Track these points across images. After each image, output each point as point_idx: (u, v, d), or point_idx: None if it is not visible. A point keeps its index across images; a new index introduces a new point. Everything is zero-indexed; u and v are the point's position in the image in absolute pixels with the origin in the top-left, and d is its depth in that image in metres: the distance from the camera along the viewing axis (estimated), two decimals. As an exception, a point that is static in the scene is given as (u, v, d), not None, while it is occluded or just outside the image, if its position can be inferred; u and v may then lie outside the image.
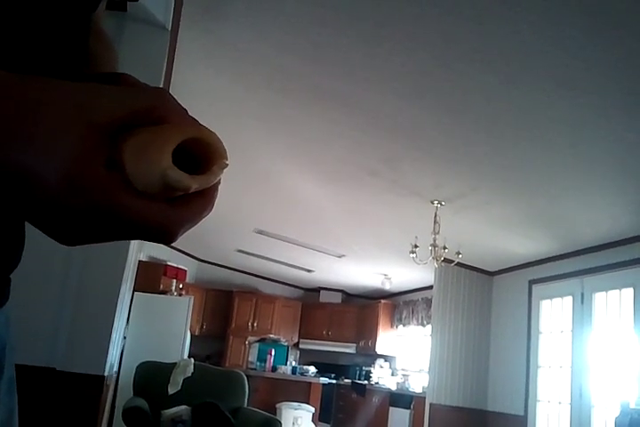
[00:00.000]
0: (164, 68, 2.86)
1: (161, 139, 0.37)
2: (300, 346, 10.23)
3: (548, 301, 6.24)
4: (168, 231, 0.37)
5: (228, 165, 0.40)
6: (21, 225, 0.53)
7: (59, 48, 0.52)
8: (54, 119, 0.35)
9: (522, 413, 6.24)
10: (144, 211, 0.36)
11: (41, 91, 0.35)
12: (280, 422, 4.33)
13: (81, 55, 0.57)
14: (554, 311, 6.14)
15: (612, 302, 5.36)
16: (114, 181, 0.35)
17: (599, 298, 5.52)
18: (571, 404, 5.56)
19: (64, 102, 0.35)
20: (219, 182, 0.41)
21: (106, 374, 2.58)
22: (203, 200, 0.39)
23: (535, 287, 6.44)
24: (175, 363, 4.69)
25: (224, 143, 0.41)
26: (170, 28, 2.85)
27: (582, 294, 5.69)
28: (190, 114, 0.42)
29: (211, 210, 0.40)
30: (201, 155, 0.39)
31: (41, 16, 0.49)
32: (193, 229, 0.40)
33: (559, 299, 6.05)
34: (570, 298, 5.86)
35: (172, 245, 9.01)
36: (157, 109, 0.38)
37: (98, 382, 2.50)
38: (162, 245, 8.69)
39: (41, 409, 2.30)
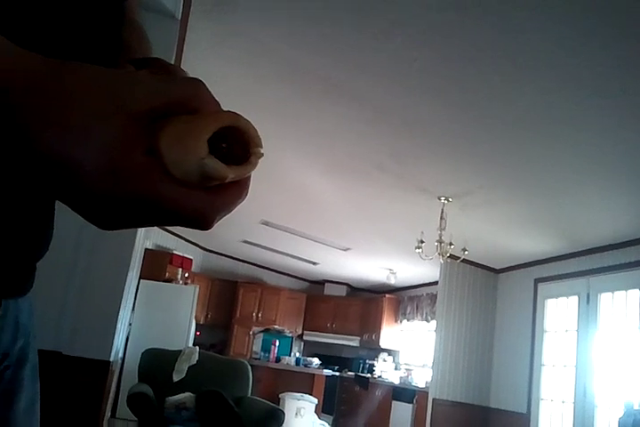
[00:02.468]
0: (174, 58, 2.86)
1: (197, 127, 0.37)
2: (304, 338, 10.27)
3: (554, 300, 6.22)
4: (205, 218, 0.38)
5: (263, 154, 0.40)
6: (52, 214, 0.54)
7: (92, 36, 0.53)
8: (94, 107, 0.35)
9: (524, 411, 6.25)
10: (182, 198, 0.37)
11: (80, 78, 0.36)
12: (283, 413, 4.36)
13: (115, 44, 0.57)
14: (559, 310, 6.13)
15: (617, 303, 5.35)
16: (153, 169, 0.36)
17: (605, 298, 5.50)
18: (574, 403, 5.56)
19: (103, 90, 0.36)
20: None
21: (111, 359, 2.61)
22: (238, 188, 0.40)
23: (541, 286, 6.42)
24: (180, 351, 4.74)
25: None
26: (179, 18, 2.85)
27: (588, 294, 5.67)
28: None
29: (245, 197, 0.41)
30: (236, 142, 0.39)
31: (74, 4, 0.50)
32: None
33: (565, 298, 6.04)
34: (575, 298, 5.84)
35: (179, 233, 9.05)
36: (193, 100, 0.39)
37: (103, 367, 2.53)
38: (168, 234, 8.74)
39: (46, 393, 2.33)
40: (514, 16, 2.76)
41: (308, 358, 8.63)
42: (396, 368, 9.01)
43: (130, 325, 6.34)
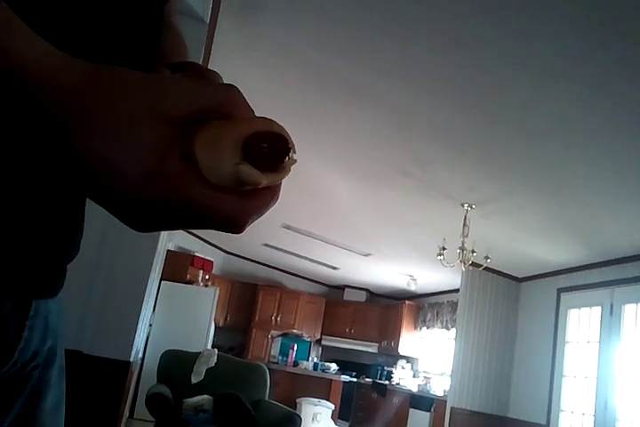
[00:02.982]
0: (201, 61, 2.88)
1: (231, 133, 0.37)
2: (323, 343, 10.24)
3: (577, 310, 6.13)
4: (237, 222, 0.39)
5: (296, 160, 0.40)
6: (82, 216, 0.55)
7: (132, 41, 0.53)
8: (133, 112, 0.36)
9: (544, 422, 6.15)
10: (216, 203, 0.37)
11: (119, 83, 0.37)
12: (300, 417, 4.34)
13: (153, 48, 0.58)
14: (582, 321, 6.03)
15: (642, 315, 5.25)
16: (188, 174, 0.37)
17: (629, 310, 5.40)
18: (595, 416, 5.46)
19: (141, 95, 0.36)
20: None
21: (131, 359, 2.63)
22: (269, 192, 0.40)
23: (564, 296, 6.33)
24: (199, 353, 4.76)
25: None
26: (208, 21, 2.87)
27: (612, 305, 5.57)
28: None
29: (276, 201, 0.41)
30: (269, 147, 0.39)
31: (115, 8, 0.51)
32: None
33: (587, 309, 5.94)
34: (599, 308, 5.74)
35: (201, 236, 9.10)
36: (227, 105, 0.39)
37: (123, 367, 2.55)
38: (190, 236, 8.80)
39: (66, 391, 2.35)
40: (550, 20, 2.73)
41: (326, 364, 8.61)
42: (414, 376, 8.95)
43: (150, 325, 6.39)
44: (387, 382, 8.92)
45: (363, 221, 6.75)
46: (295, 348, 8.39)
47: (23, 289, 0.48)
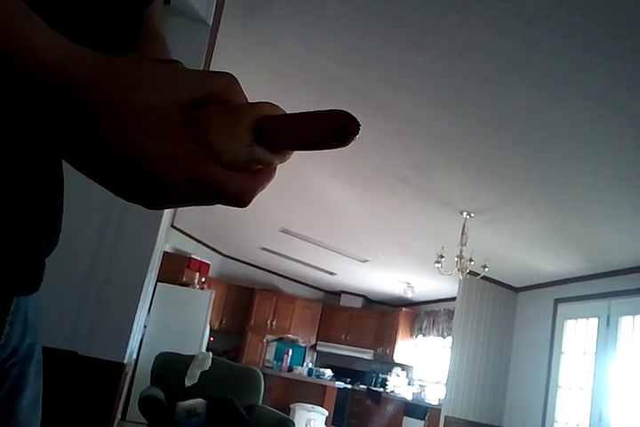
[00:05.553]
0: (203, 63, 2.89)
1: (242, 117, 0.40)
2: (318, 348, 10.22)
3: (573, 321, 6.12)
4: (246, 197, 0.42)
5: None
6: (60, 205, 0.54)
7: (105, 38, 0.52)
8: (150, 98, 0.38)
9: (537, 432, 6.13)
10: (229, 181, 0.40)
11: (131, 70, 0.39)
12: (293, 423, 4.32)
13: (127, 46, 0.57)
14: (578, 332, 6.02)
15: (638, 327, 5.24)
16: (204, 155, 0.40)
17: (626, 322, 5.40)
18: (589, 427, 5.44)
19: (155, 82, 0.39)
20: None
21: (125, 361, 2.61)
22: (269, 171, 0.44)
23: (561, 306, 6.32)
24: (193, 356, 4.74)
25: None
26: (211, 24, 2.87)
27: (608, 317, 5.56)
28: None
29: (274, 176, 0.45)
30: (342, 125, 0.41)
31: (90, 13, 0.50)
32: (219, 223, 0.41)
33: (584, 320, 5.93)
34: (595, 320, 5.73)
35: (197, 238, 9.10)
36: (228, 92, 0.42)
37: (117, 368, 2.54)
38: (187, 238, 8.79)
39: (59, 391, 2.34)
40: (554, 32, 2.74)
41: (321, 369, 8.58)
42: (409, 384, 8.92)
43: (145, 327, 6.37)
44: (381, 389, 8.89)
45: (361, 227, 6.75)
46: (290, 353, 8.36)
47: (5, 285, 0.48)
